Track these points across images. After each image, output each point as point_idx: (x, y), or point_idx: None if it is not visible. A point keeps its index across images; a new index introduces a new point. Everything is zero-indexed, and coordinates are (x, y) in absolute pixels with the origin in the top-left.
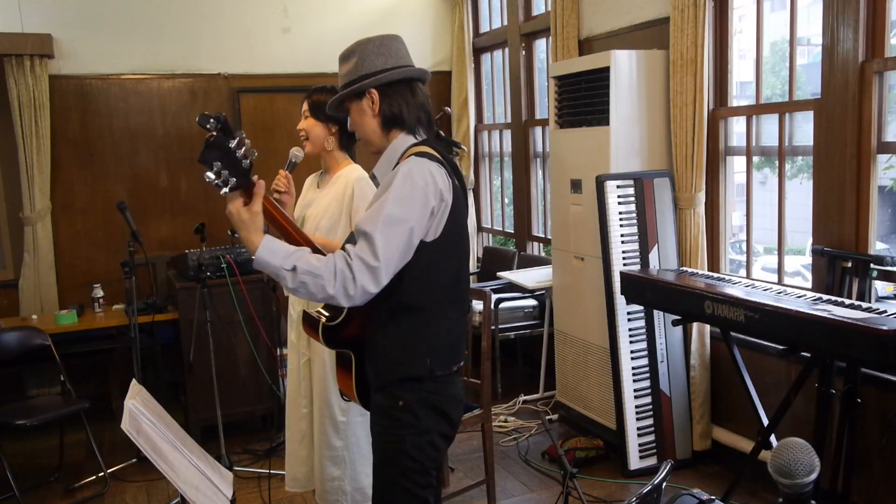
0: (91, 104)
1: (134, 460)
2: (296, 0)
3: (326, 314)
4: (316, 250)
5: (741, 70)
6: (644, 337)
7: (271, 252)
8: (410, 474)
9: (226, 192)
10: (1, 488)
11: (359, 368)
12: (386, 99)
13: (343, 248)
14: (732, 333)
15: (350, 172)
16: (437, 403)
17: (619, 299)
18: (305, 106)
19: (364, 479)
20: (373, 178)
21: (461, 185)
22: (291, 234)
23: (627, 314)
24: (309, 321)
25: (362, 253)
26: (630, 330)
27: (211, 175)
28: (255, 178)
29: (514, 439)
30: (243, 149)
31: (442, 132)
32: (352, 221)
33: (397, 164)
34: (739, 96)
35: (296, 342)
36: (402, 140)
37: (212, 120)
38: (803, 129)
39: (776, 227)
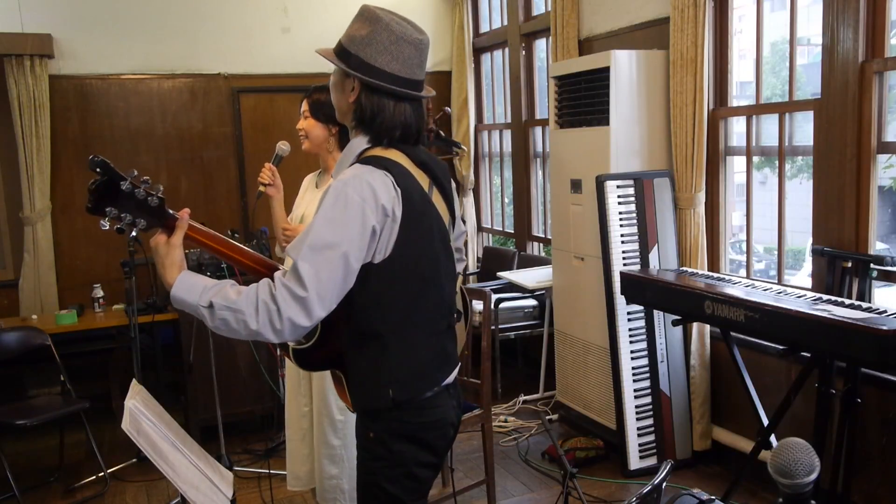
0: (91, 104)
1: (134, 460)
2: (296, 0)
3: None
4: (270, 271)
5: (741, 70)
6: (644, 337)
7: (187, 288)
8: None
9: (134, 235)
10: (1, 488)
11: (349, 385)
12: (367, 98)
13: (267, 278)
14: (732, 333)
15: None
16: (411, 433)
17: (619, 299)
18: (305, 106)
19: None
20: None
21: (444, 187)
22: (230, 255)
23: (627, 314)
24: (280, 343)
25: (288, 282)
26: (630, 330)
27: (105, 223)
28: (181, 212)
29: (514, 439)
30: (142, 187)
31: (442, 132)
32: None
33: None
34: (739, 96)
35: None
36: (360, 143)
37: (96, 168)
38: (803, 129)
39: (776, 227)
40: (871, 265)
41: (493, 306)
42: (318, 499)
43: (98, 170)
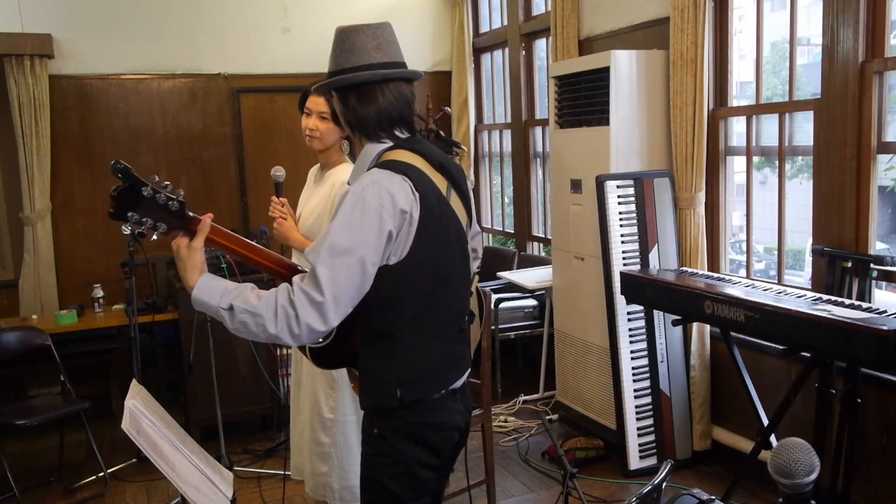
0: (91, 104)
1: (134, 460)
2: (296, 0)
3: None
4: (290, 272)
5: (741, 70)
6: (644, 337)
7: (208, 291)
8: None
9: (156, 239)
10: (1, 488)
11: None
12: (356, 98)
13: (286, 283)
14: (732, 333)
15: (338, 173)
16: (415, 432)
17: (619, 299)
18: (325, 107)
19: (353, 479)
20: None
21: (461, 189)
22: (252, 257)
23: (627, 314)
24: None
25: (306, 287)
26: (630, 330)
27: (126, 228)
28: (203, 216)
29: (514, 439)
30: (164, 191)
31: (442, 132)
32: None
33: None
34: (739, 96)
35: None
36: (373, 146)
37: (118, 174)
38: (803, 129)
39: (776, 227)
40: (871, 265)
41: (493, 306)
42: (309, 492)
43: (119, 176)
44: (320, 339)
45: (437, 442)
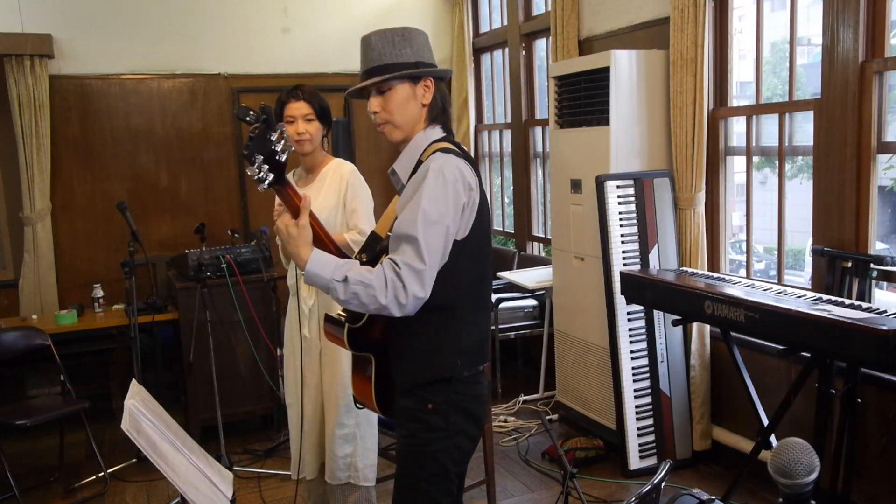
0: (91, 104)
1: (134, 460)
2: (296, 0)
3: (346, 316)
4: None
5: (741, 70)
6: (644, 337)
7: (322, 265)
8: (434, 479)
9: (263, 189)
10: (1, 488)
11: (379, 372)
12: (438, 92)
13: (387, 258)
14: (732, 333)
15: (339, 166)
16: (465, 404)
17: (619, 299)
18: (308, 109)
19: (371, 457)
20: (392, 173)
21: (482, 186)
22: (330, 248)
23: (627, 314)
24: (333, 323)
25: (408, 259)
26: (630, 330)
27: (253, 170)
28: (303, 194)
29: (514, 439)
30: (282, 143)
31: None
32: (346, 211)
33: (418, 160)
34: (739, 96)
35: (309, 336)
36: (427, 135)
37: (252, 113)
38: (803, 129)
39: (776, 227)
40: (871, 265)
41: (493, 306)
42: (329, 479)
43: (252, 116)
44: (356, 320)
45: (480, 414)
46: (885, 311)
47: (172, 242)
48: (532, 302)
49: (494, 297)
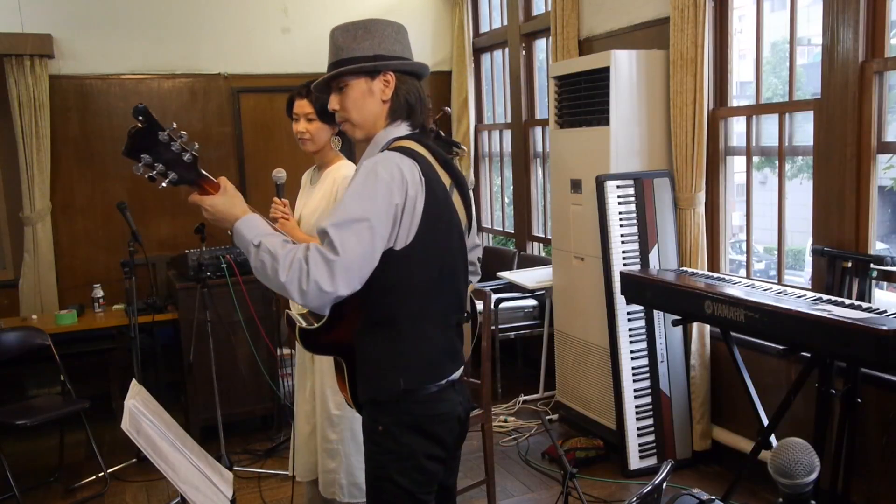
0: (91, 104)
1: (134, 460)
2: (296, 0)
3: (303, 318)
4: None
5: (741, 70)
6: (644, 337)
7: (250, 227)
8: (398, 501)
9: (164, 187)
10: (1, 488)
11: (351, 376)
12: (402, 87)
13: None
14: (732, 333)
15: (338, 169)
16: (420, 424)
17: (619, 299)
18: (309, 108)
19: (360, 475)
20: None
21: (460, 184)
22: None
23: (627, 314)
24: (289, 322)
25: (321, 248)
26: (630, 330)
27: (138, 169)
28: (219, 178)
29: (514, 439)
30: (179, 141)
31: (442, 132)
32: None
33: None
34: (739, 96)
35: None
36: (388, 133)
37: (138, 115)
38: (803, 129)
39: (776, 227)
40: (871, 265)
41: (493, 306)
42: (322, 491)
43: (140, 117)
44: (312, 322)
45: (441, 433)
46: (885, 311)
47: (172, 242)
48: (532, 302)
49: (494, 297)
